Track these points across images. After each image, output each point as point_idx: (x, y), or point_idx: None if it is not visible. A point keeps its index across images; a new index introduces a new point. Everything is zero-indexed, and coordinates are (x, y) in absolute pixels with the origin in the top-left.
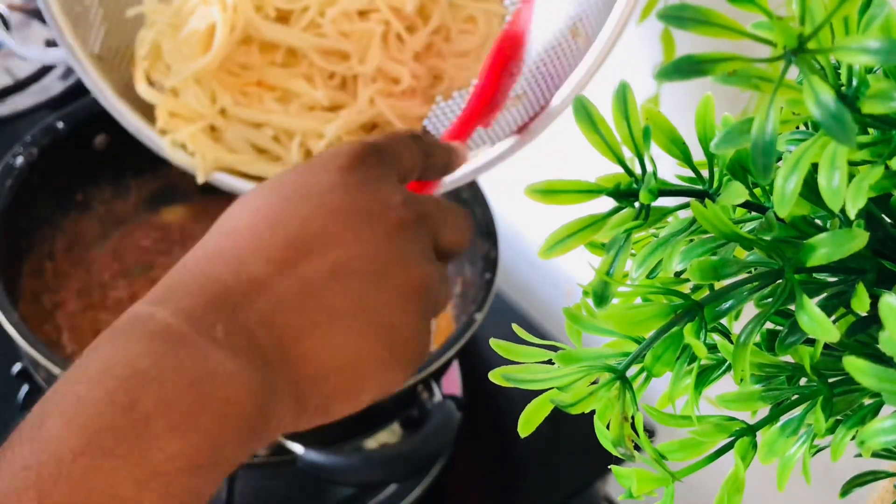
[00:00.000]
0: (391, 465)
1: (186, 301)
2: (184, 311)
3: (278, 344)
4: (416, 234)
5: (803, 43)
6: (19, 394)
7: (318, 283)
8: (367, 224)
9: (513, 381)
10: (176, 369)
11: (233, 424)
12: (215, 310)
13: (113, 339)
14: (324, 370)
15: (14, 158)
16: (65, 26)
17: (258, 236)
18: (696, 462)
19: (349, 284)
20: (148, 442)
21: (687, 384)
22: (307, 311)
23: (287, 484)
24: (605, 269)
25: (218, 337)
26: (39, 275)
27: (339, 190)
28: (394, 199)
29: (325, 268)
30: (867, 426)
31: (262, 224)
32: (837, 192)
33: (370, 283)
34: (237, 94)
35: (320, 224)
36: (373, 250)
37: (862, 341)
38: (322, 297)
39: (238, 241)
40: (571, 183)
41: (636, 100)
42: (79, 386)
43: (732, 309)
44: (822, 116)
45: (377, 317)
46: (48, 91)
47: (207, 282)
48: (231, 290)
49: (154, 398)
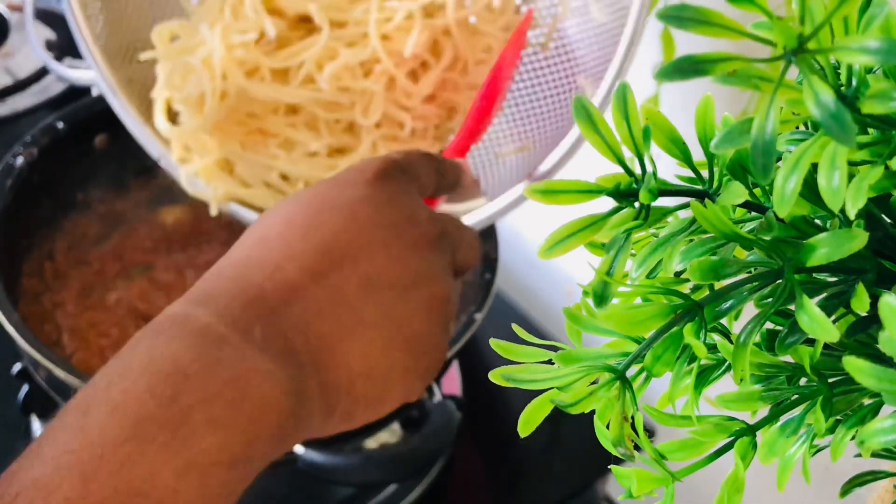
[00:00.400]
0: (391, 465)
1: (225, 303)
2: (223, 312)
3: (310, 349)
4: (439, 249)
5: (803, 43)
6: (19, 394)
7: (350, 292)
8: (396, 238)
9: (513, 381)
10: (215, 366)
11: (267, 422)
12: (253, 313)
13: (153, 336)
14: (352, 376)
15: (14, 158)
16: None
17: (291, 245)
18: (696, 462)
19: (378, 295)
20: (187, 434)
21: (687, 384)
22: (339, 318)
23: (287, 484)
24: (605, 269)
25: (256, 338)
26: (39, 275)
27: (368, 204)
28: (419, 214)
29: (356, 278)
30: (867, 426)
31: (295, 233)
32: (837, 192)
33: (398, 294)
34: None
35: (351, 236)
36: (401, 264)
37: (862, 341)
38: (353, 306)
39: (272, 248)
40: (571, 183)
41: (636, 100)
42: (123, 379)
43: (732, 309)
44: (822, 116)
45: (404, 327)
46: (48, 91)
47: (245, 286)
48: (267, 294)
49: (194, 393)
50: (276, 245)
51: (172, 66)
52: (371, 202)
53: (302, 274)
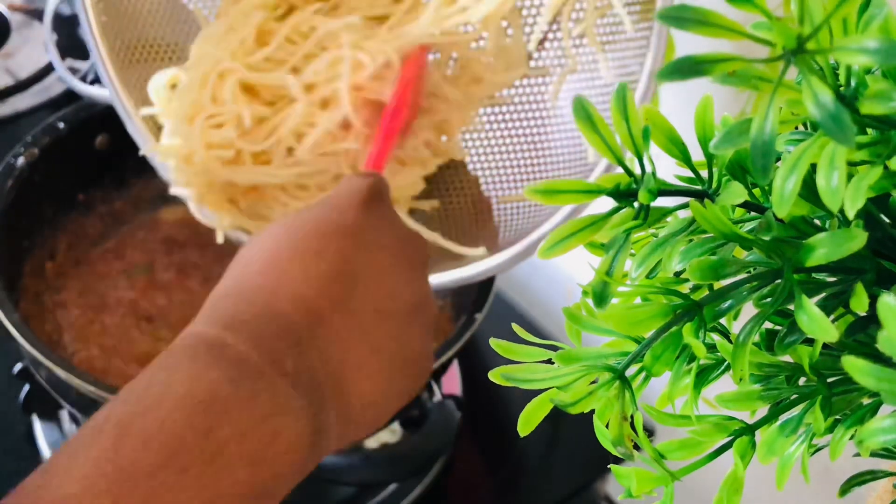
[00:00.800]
0: (391, 465)
1: (257, 331)
2: (255, 341)
3: (332, 380)
4: (427, 268)
5: (802, 43)
6: (20, 393)
7: (365, 319)
8: (400, 261)
9: (512, 380)
10: (251, 401)
11: (294, 459)
12: (284, 343)
13: (191, 361)
14: (364, 405)
15: (15, 158)
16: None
17: (307, 271)
18: (696, 461)
19: (389, 322)
20: (219, 467)
21: (686, 384)
22: (356, 346)
23: None
24: (605, 269)
25: (288, 371)
26: (40, 274)
27: (370, 227)
28: (412, 234)
29: (371, 305)
30: (866, 425)
31: (310, 258)
32: (836, 192)
33: (406, 318)
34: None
35: (362, 260)
36: (407, 289)
37: (861, 341)
38: (368, 332)
39: (288, 274)
40: (571, 183)
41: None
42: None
43: (732, 309)
44: (821, 117)
45: (406, 352)
46: (49, 91)
47: (272, 315)
48: (295, 324)
49: (230, 426)
50: (292, 271)
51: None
52: (372, 225)
53: (323, 302)
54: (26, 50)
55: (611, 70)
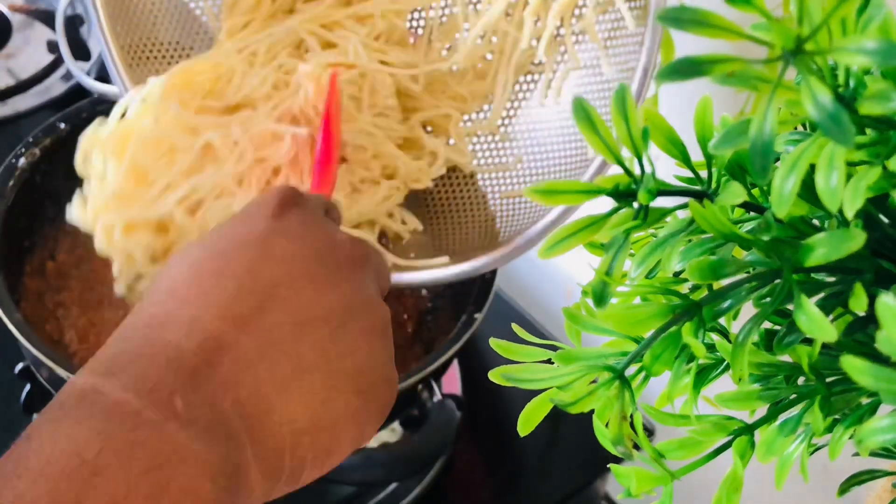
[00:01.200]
0: (391, 465)
1: (138, 372)
2: (135, 383)
3: (243, 413)
4: (366, 272)
5: (801, 44)
6: (22, 393)
7: (281, 335)
8: (320, 266)
9: (512, 380)
10: (128, 456)
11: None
12: (171, 379)
13: (55, 422)
14: (296, 434)
15: (16, 159)
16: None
17: (206, 292)
18: (695, 461)
19: (314, 333)
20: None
21: (685, 383)
22: (273, 368)
23: None
24: (605, 269)
25: (177, 411)
26: (41, 274)
27: (280, 235)
28: (338, 237)
29: (286, 318)
30: (865, 425)
31: (207, 279)
32: (835, 192)
33: (334, 328)
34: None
35: (271, 272)
36: (332, 293)
37: (860, 341)
38: (287, 350)
39: (184, 300)
40: (571, 183)
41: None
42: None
43: (731, 308)
44: (820, 117)
45: (346, 364)
46: (50, 92)
47: (158, 348)
48: (186, 353)
49: (103, 493)
50: (188, 295)
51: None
52: (283, 233)
53: (223, 323)
54: (27, 50)
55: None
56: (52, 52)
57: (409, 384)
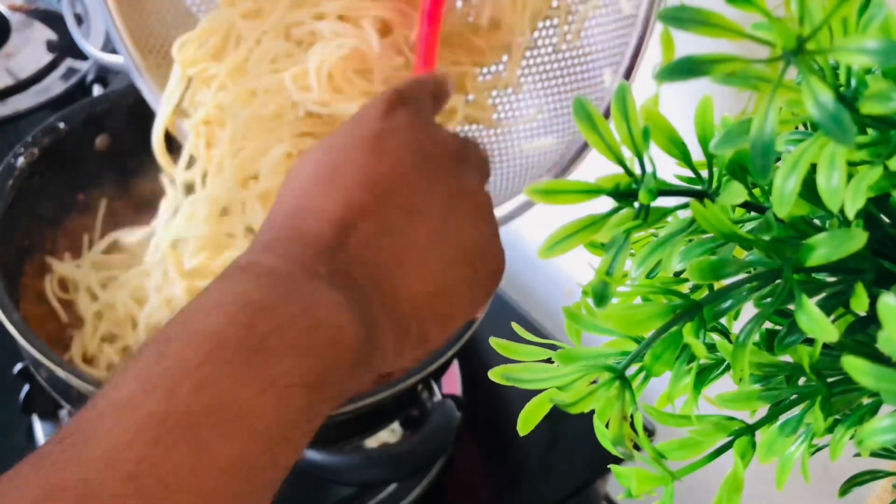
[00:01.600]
0: (391, 465)
1: (287, 248)
2: (287, 256)
3: (372, 281)
4: (466, 161)
5: (802, 44)
6: (20, 393)
7: (397, 221)
8: (426, 161)
9: (512, 380)
10: (287, 300)
11: (342, 349)
12: (315, 254)
13: (223, 281)
14: (416, 299)
15: (15, 159)
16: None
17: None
18: (696, 461)
19: (425, 218)
20: (263, 358)
21: (686, 383)
22: (391, 247)
23: (287, 484)
24: (605, 269)
25: (322, 275)
26: (41, 275)
27: (391, 134)
28: (440, 134)
29: (400, 207)
30: (865, 425)
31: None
32: (836, 192)
33: (443, 213)
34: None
35: (385, 167)
36: (437, 185)
37: (861, 341)
38: (403, 233)
39: (314, 195)
40: (571, 183)
41: (636, 100)
42: (197, 314)
43: (732, 308)
44: (821, 117)
45: (454, 241)
46: (49, 91)
47: (301, 233)
48: (324, 236)
49: (269, 321)
50: (318, 191)
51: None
52: (393, 132)
53: (350, 212)
54: (26, 50)
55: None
56: (52, 52)
57: (409, 384)
